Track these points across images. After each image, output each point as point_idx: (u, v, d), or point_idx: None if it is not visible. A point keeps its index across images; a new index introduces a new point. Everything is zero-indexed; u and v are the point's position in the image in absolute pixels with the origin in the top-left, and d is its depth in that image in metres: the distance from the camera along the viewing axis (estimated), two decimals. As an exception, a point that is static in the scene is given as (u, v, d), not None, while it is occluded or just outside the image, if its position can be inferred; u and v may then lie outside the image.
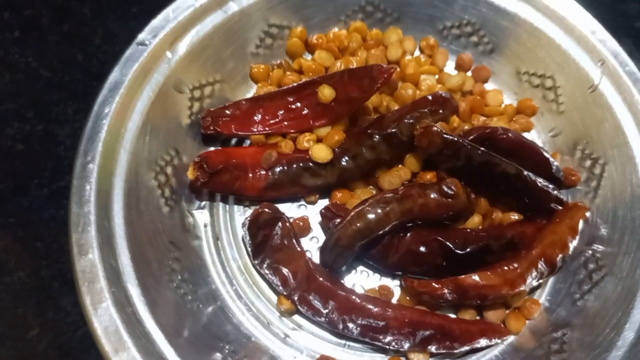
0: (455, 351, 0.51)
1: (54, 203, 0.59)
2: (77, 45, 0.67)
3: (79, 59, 0.67)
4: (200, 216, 0.56)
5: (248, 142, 0.59)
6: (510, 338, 0.52)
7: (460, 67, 0.64)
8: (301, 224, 0.55)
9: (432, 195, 0.53)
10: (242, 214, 0.57)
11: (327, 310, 0.50)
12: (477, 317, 0.53)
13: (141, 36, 0.54)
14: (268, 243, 0.52)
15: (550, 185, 0.55)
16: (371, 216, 0.51)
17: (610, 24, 0.68)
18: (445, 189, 0.52)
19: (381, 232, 0.51)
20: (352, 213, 0.51)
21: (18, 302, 0.56)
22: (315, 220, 0.57)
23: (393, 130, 0.54)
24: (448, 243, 0.52)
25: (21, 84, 0.65)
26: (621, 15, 0.71)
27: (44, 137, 0.62)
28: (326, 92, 0.56)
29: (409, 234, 0.53)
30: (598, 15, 0.70)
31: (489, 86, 0.63)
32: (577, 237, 0.53)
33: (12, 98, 0.64)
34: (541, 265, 0.51)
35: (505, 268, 0.50)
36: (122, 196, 0.49)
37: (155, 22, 0.55)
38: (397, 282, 0.55)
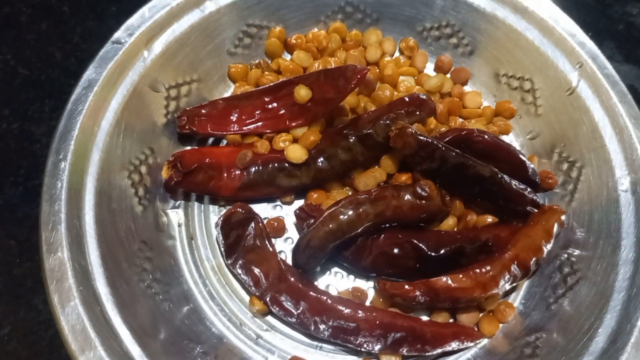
0: (427, 354, 0.50)
1: (29, 201, 0.59)
2: (56, 43, 0.67)
3: (57, 57, 0.67)
4: (175, 216, 0.55)
5: (225, 142, 0.59)
6: (484, 341, 0.52)
7: (439, 68, 0.64)
8: (276, 224, 0.55)
9: (406, 197, 0.52)
10: (217, 214, 0.56)
11: (298, 311, 0.50)
12: (451, 320, 0.53)
13: (117, 35, 0.54)
14: (241, 243, 0.52)
15: (526, 188, 0.55)
16: (344, 217, 0.51)
17: (593, 26, 0.68)
18: (419, 190, 0.52)
19: (354, 233, 0.51)
20: (325, 214, 0.51)
21: (-11, 301, 0.55)
22: (290, 220, 0.56)
23: (368, 131, 0.54)
24: (421, 245, 0.52)
25: None
26: (605, 17, 0.71)
27: (19, 135, 0.62)
28: (302, 93, 0.56)
29: (382, 236, 0.53)
30: (581, 17, 0.69)
31: (468, 88, 0.63)
32: (552, 241, 0.53)
33: None
34: (514, 268, 0.51)
35: (478, 271, 0.50)
36: (94, 195, 0.49)
37: (131, 20, 0.55)
38: (371, 283, 0.55)
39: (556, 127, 0.59)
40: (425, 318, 0.52)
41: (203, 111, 0.57)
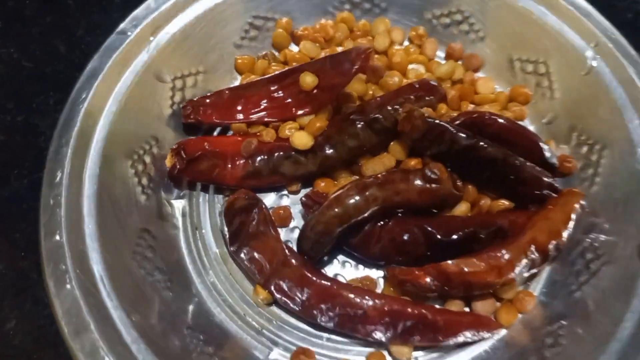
0: (440, 344, 0.48)
1: (34, 194, 0.57)
2: (60, 36, 0.68)
3: (62, 51, 0.67)
4: (179, 205, 0.54)
5: (230, 132, 0.58)
6: (502, 332, 0.49)
7: (450, 56, 0.62)
8: (282, 213, 0.54)
9: (415, 181, 0.50)
10: (222, 204, 0.55)
11: (302, 299, 0.48)
12: (466, 309, 0.50)
13: (122, 25, 0.54)
14: (244, 230, 0.51)
15: (543, 171, 0.52)
16: (350, 201, 0.49)
17: (602, 14, 0.65)
18: (429, 174, 0.50)
19: (360, 218, 0.49)
20: (330, 198, 0.49)
21: (-5, 295, 0.55)
22: (297, 209, 0.55)
23: (376, 116, 0.53)
24: (432, 230, 0.50)
25: (2, 75, 0.66)
26: (612, 7, 0.68)
27: (24, 128, 0.62)
28: (308, 80, 0.55)
29: (391, 222, 0.51)
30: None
31: (480, 75, 0.61)
32: (572, 224, 0.50)
33: None
34: (532, 252, 0.48)
35: (492, 254, 0.47)
36: (95, 181, 0.48)
37: (137, 12, 0.55)
38: (381, 273, 0.52)
39: (573, 109, 0.56)
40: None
41: (208, 101, 0.57)
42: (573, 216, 0.50)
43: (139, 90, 0.53)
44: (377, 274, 0.52)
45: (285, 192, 0.56)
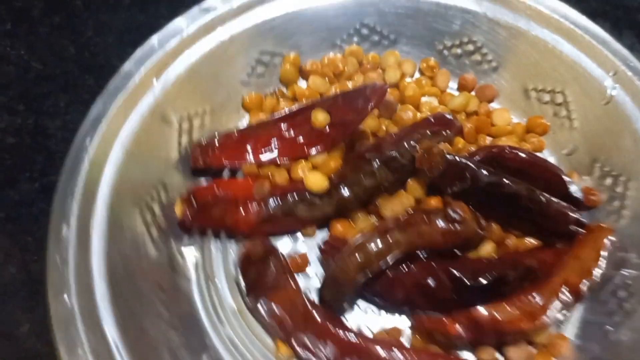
0: (474, 396, 0.45)
1: (45, 197, 0.57)
2: (69, 37, 0.67)
3: (71, 51, 0.66)
4: (191, 255, 0.52)
5: (240, 172, 0.55)
6: (537, 380, 0.47)
7: (463, 87, 0.60)
8: (299, 260, 0.51)
9: (437, 222, 0.48)
10: (236, 251, 0.52)
11: (327, 354, 0.45)
12: (498, 356, 0.47)
13: (126, 66, 0.52)
14: (261, 281, 0.48)
15: (569, 206, 0.50)
16: (372, 247, 0.47)
17: (611, 15, 0.65)
18: (452, 214, 0.48)
19: (384, 265, 0.47)
20: (351, 245, 0.47)
21: (7, 298, 0.53)
22: (313, 254, 0.52)
23: (392, 153, 0.51)
24: (458, 274, 0.48)
25: (12, 77, 0.64)
26: (621, 7, 0.67)
27: (34, 130, 0.61)
28: (320, 117, 0.53)
29: (415, 266, 0.49)
30: (599, 7, 0.66)
31: (495, 106, 0.59)
32: (603, 262, 0.48)
33: (3, 90, 0.63)
34: (564, 294, 0.46)
35: (524, 299, 0.45)
36: (104, 236, 0.46)
37: (140, 51, 0.53)
38: (405, 319, 0.50)
39: (594, 140, 0.54)
40: (468, 354, 0.47)
41: (217, 143, 0.54)
42: (604, 253, 0.48)
43: (144, 135, 0.51)
44: (401, 320, 0.50)
45: (300, 235, 0.54)
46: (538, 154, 0.57)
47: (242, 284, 0.49)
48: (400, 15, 0.59)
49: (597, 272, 0.47)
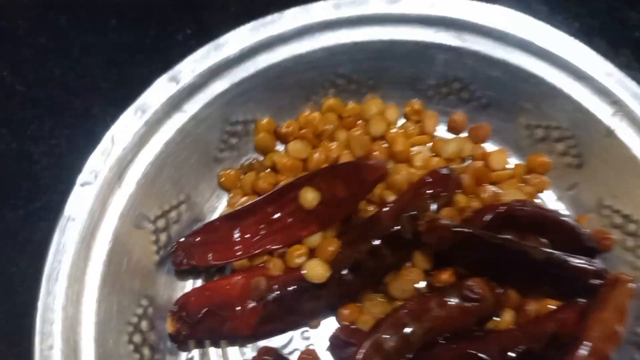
0: None
1: (30, 225, 0.55)
2: (54, 58, 0.63)
3: (56, 73, 0.62)
4: (191, 372, 0.48)
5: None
6: None
7: (453, 129, 0.56)
8: (309, 358, 0.47)
9: (453, 303, 0.45)
10: (238, 358, 0.48)
11: None
12: None
13: (82, 177, 0.46)
14: (275, 397, 0.45)
15: (587, 260, 0.47)
16: (390, 344, 0.43)
17: (607, 34, 0.62)
18: (469, 294, 0.45)
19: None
20: (367, 346, 0.43)
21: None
22: (322, 347, 0.49)
23: (395, 229, 0.47)
24: (484, 355, 0.45)
25: None
26: (620, 24, 0.64)
27: (18, 155, 0.59)
28: (309, 197, 0.48)
29: (435, 350, 0.46)
30: (595, 25, 0.63)
31: (489, 146, 0.56)
32: (627, 320, 0.46)
33: None
34: (594, 364, 0.44)
35: (556, 378, 0.43)
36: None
37: (94, 156, 0.46)
38: (431, 405, 0.47)
39: (599, 177, 0.51)
40: None
41: (199, 239, 0.49)
42: (627, 308, 0.46)
43: (118, 250, 0.45)
44: (427, 407, 0.47)
45: (306, 328, 0.50)
46: (542, 194, 0.54)
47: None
48: (376, 60, 0.54)
49: (622, 332, 0.45)
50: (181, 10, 0.65)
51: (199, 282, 0.51)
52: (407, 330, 0.44)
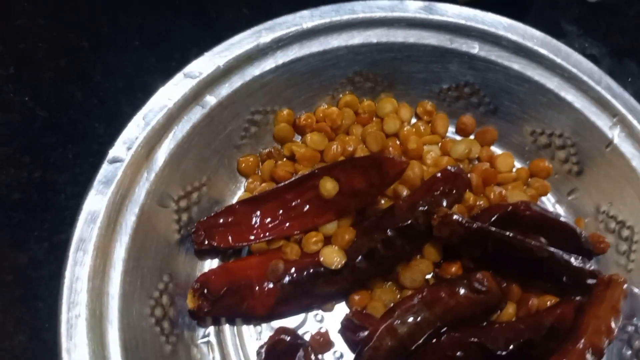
0: None
1: (55, 258, 0.53)
2: (75, 81, 0.61)
3: (78, 97, 0.61)
4: (206, 347, 0.49)
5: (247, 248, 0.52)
6: None
7: (462, 131, 0.59)
8: (321, 339, 0.50)
9: (462, 293, 0.48)
10: (253, 336, 0.50)
11: None
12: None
13: (113, 151, 0.47)
14: (290, 375, 0.47)
15: (583, 261, 0.51)
16: (402, 330, 0.46)
17: (610, 43, 0.64)
18: (477, 285, 0.48)
19: (416, 345, 0.46)
20: (381, 330, 0.46)
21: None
22: (334, 329, 0.51)
23: (408, 222, 0.49)
24: (488, 345, 0.47)
25: (16, 126, 0.59)
26: (627, 35, 0.67)
27: (42, 184, 0.57)
28: (328, 187, 0.50)
29: (441, 339, 0.48)
30: (598, 35, 0.66)
31: (495, 149, 0.59)
32: (620, 316, 0.49)
33: (7, 141, 0.58)
34: (589, 356, 0.47)
35: (555, 367, 0.46)
36: (119, 347, 0.42)
37: (126, 132, 0.48)
38: (434, 389, 0.50)
39: (597, 184, 0.55)
40: None
41: (220, 220, 0.51)
42: (620, 306, 0.49)
43: (143, 226, 0.47)
44: (432, 392, 0.49)
45: (319, 311, 0.52)
46: (543, 198, 0.57)
47: (268, 376, 0.47)
48: (394, 61, 0.56)
49: (615, 328, 0.49)
50: (203, 28, 0.65)
51: (215, 263, 0.52)
52: (419, 316, 0.46)
